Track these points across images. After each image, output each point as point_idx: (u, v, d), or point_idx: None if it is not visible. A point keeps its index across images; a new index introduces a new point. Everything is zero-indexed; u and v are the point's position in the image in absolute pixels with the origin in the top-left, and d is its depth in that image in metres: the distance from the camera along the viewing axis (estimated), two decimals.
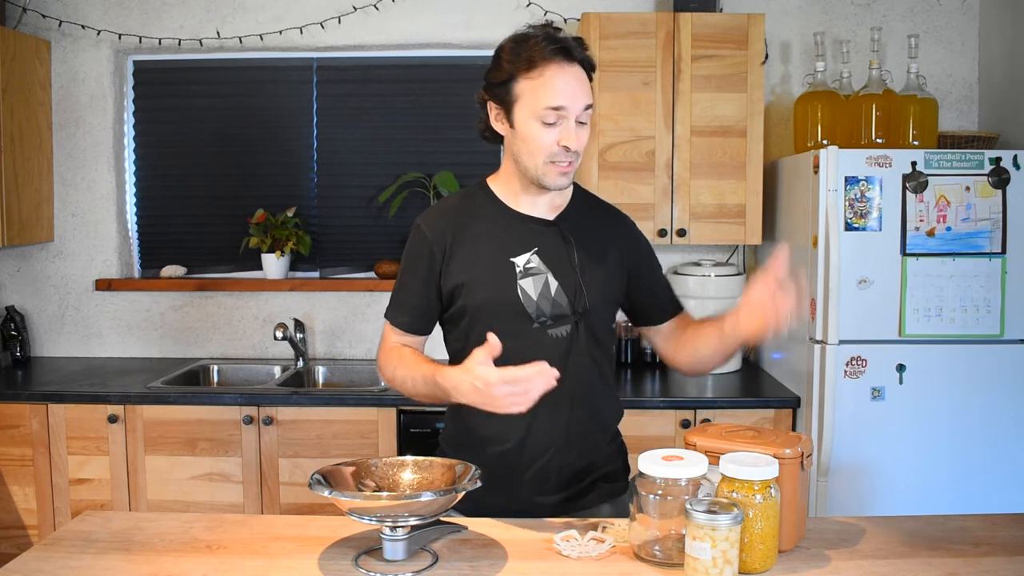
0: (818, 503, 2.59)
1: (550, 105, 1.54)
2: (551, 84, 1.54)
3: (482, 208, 1.69)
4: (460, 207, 1.71)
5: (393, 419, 2.77)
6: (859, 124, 2.81)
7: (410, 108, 3.37)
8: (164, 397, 2.79)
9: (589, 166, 2.94)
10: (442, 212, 1.71)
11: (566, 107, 1.54)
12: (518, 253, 1.64)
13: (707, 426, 1.55)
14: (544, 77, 1.54)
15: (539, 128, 1.56)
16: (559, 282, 1.63)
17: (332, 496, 1.33)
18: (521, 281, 1.62)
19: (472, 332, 1.64)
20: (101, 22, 3.30)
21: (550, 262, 1.63)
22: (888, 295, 2.57)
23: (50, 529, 2.81)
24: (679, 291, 3.00)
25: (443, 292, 1.67)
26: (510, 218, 1.67)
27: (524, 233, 1.65)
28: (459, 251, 1.65)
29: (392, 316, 1.73)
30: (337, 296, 3.37)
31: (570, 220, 1.69)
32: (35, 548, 1.46)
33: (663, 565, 1.36)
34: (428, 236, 1.66)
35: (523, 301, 1.61)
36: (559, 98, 1.54)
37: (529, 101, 1.56)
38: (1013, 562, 1.39)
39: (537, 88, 1.55)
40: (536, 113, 1.55)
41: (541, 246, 1.64)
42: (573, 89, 1.55)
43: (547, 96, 1.54)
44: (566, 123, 1.55)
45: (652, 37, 2.91)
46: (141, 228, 3.47)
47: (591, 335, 1.66)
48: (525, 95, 1.56)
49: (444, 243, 1.65)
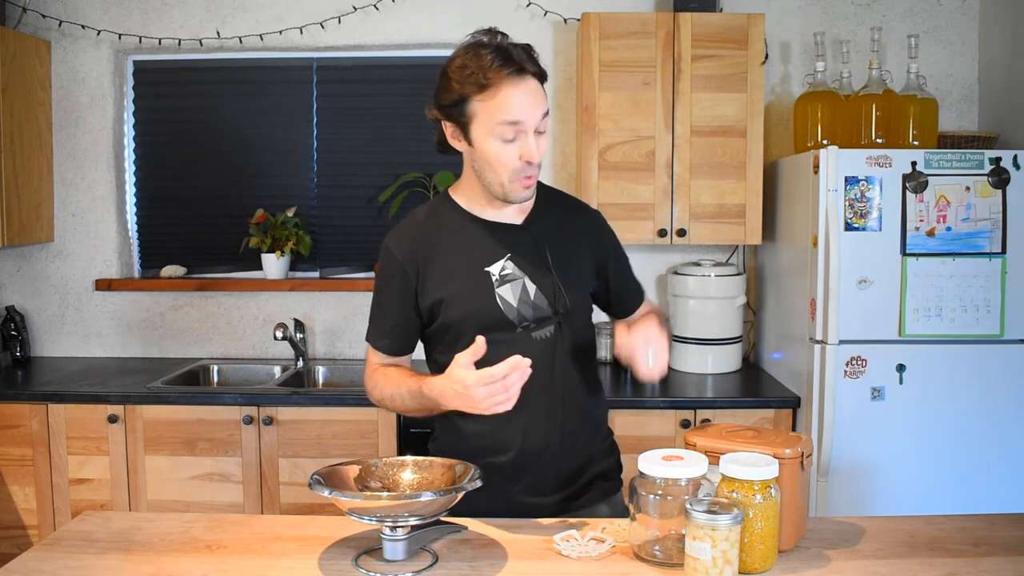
0: (818, 503, 2.59)
1: (507, 120, 1.52)
2: (506, 103, 1.51)
3: (449, 221, 1.68)
4: (427, 222, 1.69)
5: (393, 419, 2.77)
6: (859, 124, 2.81)
7: (410, 108, 3.37)
8: (164, 397, 2.79)
9: (589, 166, 2.94)
10: (409, 229, 1.69)
11: (523, 121, 1.52)
12: (492, 261, 1.63)
13: (707, 426, 1.55)
14: (499, 97, 1.51)
15: (499, 145, 1.54)
16: (536, 285, 1.63)
17: (332, 496, 1.33)
18: (499, 289, 1.62)
19: (458, 344, 1.62)
20: (101, 22, 3.30)
21: (525, 266, 1.63)
22: (888, 295, 2.57)
23: (50, 529, 2.81)
24: (679, 291, 3.05)
25: (421, 310, 1.66)
26: (479, 227, 1.66)
27: (495, 240, 1.65)
28: (432, 268, 1.64)
29: (372, 340, 1.73)
30: (337, 296, 3.37)
31: (539, 222, 1.69)
32: (35, 548, 1.46)
33: (663, 565, 1.36)
34: (398, 256, 1.66)
35: (503, 309, 1.61)
36: (515, 113, 1.52)
37: (485, 120, 1.54)
38: (1013, 562, 1.39)
39: (491, 108, 1.52)
40: (493, 131, 1.53)
41: (514, 251, 1.64)
42: (528, 103, 1.53)
43: (503, 113, 1.52)
44: (525, 137, 1.54)
45: (652, 37, 2.91)
46: (141, 228, 3.47)
47: (574, 332, 1.67)
48: (480, 114, 1.54)
49: (416, 261, 1.65)
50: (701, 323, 3.02)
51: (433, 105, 1.61)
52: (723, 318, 3.03)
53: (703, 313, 3.01)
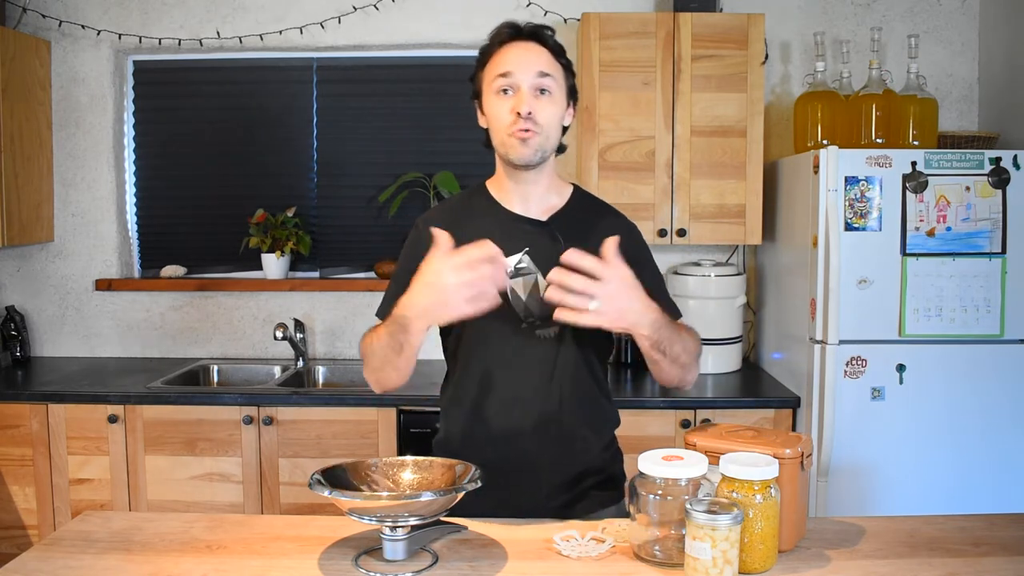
0: (818, 503, 2.59)
1: (498, 72, 1.60)
2: (501, 57, 1.61)
3: (478, 209, 1.71)
4: (459, 207, 1.75)
5: (393, 419, 2.77)
6: (859, 124, 2.81)
7: (410, 108, 3.37)
8: (164, 397, 2.79)
9: (589, 166, 2.94)
10: (441, 211, 1.74)
11: (512, 72, 1.59)
12: (509, 253, 1.62)
13: (707, 426, 1.55)
14: (497, 54, 1.62)
15: (495, 102, 1.61)
16: (549, 283, 1.62)
17: (332, 496, 1.33)
18: (511, 281, 1.61)
19: (464, 332, 1.65)
20: (101, 22, 3.30)
21: (541, 263, 1.62)
22: (888, 295, 2.57)
23: (50, 529, 2.81)
24: (679, 291, 3.04)
25: None
26: (503, 218, 1.68)
27: (516, 233, 1.65)
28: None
29: (382, 312, 1.66)
30: (337, 296, 3.37)
31: (562, 220, 1.69)
32: (35, 548, 1.45)
33: (663, 565, 1.36)
34: (425, 236, 1.66)
35: (512, 302, 1.61)
36: (505, 64, 1.59)
37: (487, 81, 1.63)
38: (1013, 562, 1.39)
39: (491, 66, 1.62)
40: (492, 87, 1.61)
41: (533, 246, 1.63)
42: (521, 57, 1.60)
43: (497, 66, 1.61)
44: (519, 92, 1.59)
45: (652, 37, 2.91)
46: (141, 228, 3.47)
47: (580, 337, 1.64)
48: (485, 77, 1.63)
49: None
50: (701, 323, 2.99)
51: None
52: (723, 318, 3.03)
53: (703, 313, 3.01)
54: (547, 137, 1.61)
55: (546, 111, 1.60)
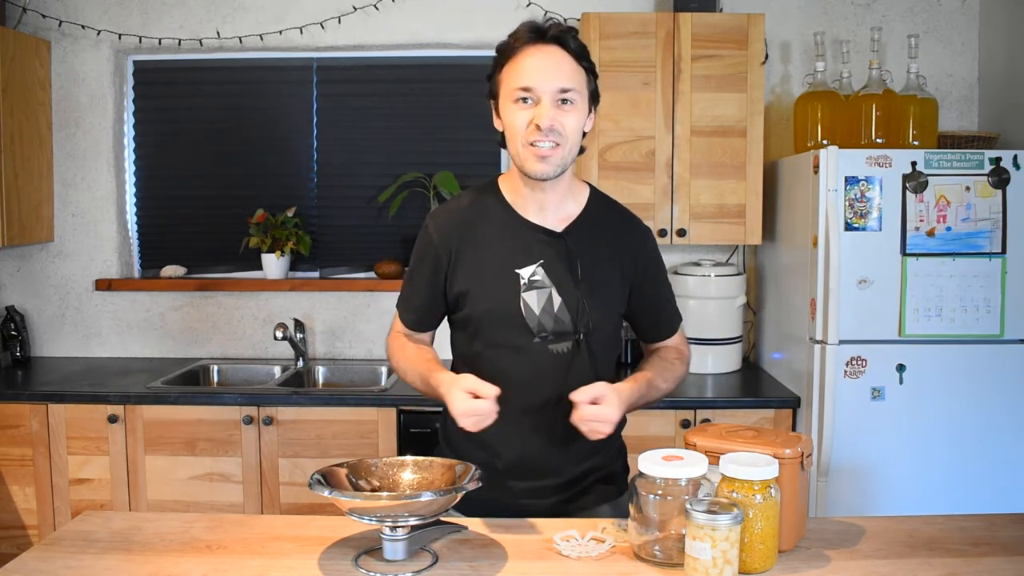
0: (818, 503, 2.59)
1: (519, 85, 1.54)
2: (521, 66, 1.54)
3: (491, 212, 1.66)
4: (470, 208, 1.68)
5: (393, 419, 2.77)
6: (859, 124, 2.81)
7: (410, 108, 3.37)
8: (164, 397, 2.79)
9: (589, 166, 2.94)
10: (452, 213, 1.69)
11: (533, 87, 1.53)
12: (523, 264, 1.61)
13: (707, 426, 1.55)
14: (517, 61, 1.55)
15: (514, 110, 1.55)
16: (562, 298, 1.60)
17: (332, 496, 1.33)
18: (524, 294, 1.60)
19: (476, 340, 1.64)
20: (101, 22, 3.30)
21: (555, 277, 1.60)
22: (888, 295, 2.57)
23: (50, 529, 2.81)
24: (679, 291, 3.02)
25: (448, 297, 1.66)
26: (518, 226, 1.64)
27: (531, 244, 1.62)
28: (465, 256, 1.63)
29: (400, 309, 1.76)
30: (337, 296, 3.37)
31: (577, 233, 1.65)
32: (35, 548, 1.46)
33: (663, 565, 1.36)
34: (435, 240, 1.66)
35: (525, 315, 1.59)
36: (526, 78, 1.53)
37: (506, 87, 1.57)
38: (1013, 562, 1.39)
39: (511, 73, 1.56)
40: (510, 96, 1.55)
41: (547, 259, 1.61)
42: (544, 68, 1.53)
43: (517, 77, 1.54)
44: (539, 104, 1.53)
45: (652, 37, 2.91)
46: (141, 228, 3.47)
47: (593, 351, 1.63)
48: (504, 82, 1.57)
49: (450, 247, 1.64)
50: (701, 323, 3.01)
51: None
52: (723, 318, 3.03)
53: (703, 313, 3.01)
54: (569, 149, 1.57)
55: (568, 122, 1.54)
